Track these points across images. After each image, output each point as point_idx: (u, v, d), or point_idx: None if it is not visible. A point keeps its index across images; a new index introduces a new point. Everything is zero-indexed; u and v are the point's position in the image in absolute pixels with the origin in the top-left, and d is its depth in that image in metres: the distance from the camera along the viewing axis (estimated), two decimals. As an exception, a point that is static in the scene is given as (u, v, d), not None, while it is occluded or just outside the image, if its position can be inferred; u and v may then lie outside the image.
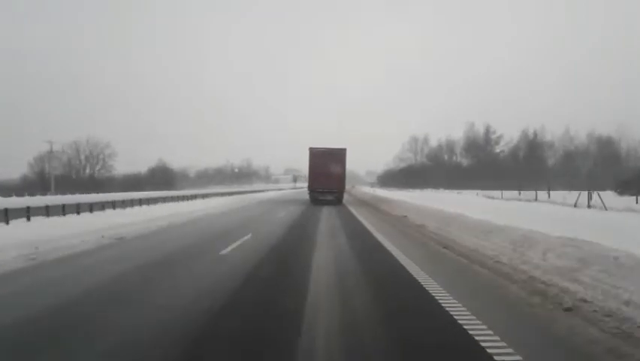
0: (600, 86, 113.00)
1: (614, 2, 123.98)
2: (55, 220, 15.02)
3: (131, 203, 24.29)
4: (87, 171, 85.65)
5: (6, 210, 14.27)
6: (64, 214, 18.27)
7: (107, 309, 4.98)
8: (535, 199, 24.01)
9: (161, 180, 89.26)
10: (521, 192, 30.13)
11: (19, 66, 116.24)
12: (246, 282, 6.39)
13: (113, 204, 22.39)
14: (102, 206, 21.57)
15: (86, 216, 17.93)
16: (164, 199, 27.16)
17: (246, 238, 11.23)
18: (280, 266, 7.92)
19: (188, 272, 7.21)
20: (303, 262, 7.98)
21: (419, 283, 6.24)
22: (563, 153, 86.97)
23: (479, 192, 35.58)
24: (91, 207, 20.72)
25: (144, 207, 23.25)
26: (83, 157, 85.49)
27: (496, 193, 29.28)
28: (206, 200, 30.26)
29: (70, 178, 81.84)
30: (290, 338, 3.90)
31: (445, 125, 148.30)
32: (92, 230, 11.34)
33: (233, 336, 4.05)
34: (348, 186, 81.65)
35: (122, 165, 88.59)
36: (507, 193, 29.01)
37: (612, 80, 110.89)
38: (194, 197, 29.73)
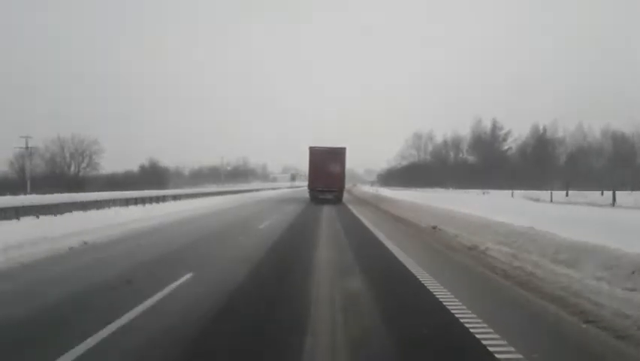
0: (612, 82, 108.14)
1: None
2: None
3: (98, 205, 19.70)
4: (72, 168, 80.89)
5: None
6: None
7: None
8: (613, 204, 19.09)
9: (152, 178, 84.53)
10: (567, 192, 25.16)
11: (6, 63, 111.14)
12: None
13: (71, 207, 17.93)
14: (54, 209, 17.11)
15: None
16: (142, 200, 22.74)
17: (175, 284, 6.09)
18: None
19: None
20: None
21: None
22: (575, 149, 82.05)
23: (515, 192, 29.72)
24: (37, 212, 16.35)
25: (111, 209, 18.75)
26: (67, 154, 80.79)
27: (540, 194, 24.03)
28: (186, 202, 25.52)
29: (54, 176, 77.39)
30: None
31: (449, 122, 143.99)
32: None
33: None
34: (349, 185, 77.63)
35: (117, 164, 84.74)
36: (551, 194, 23.91)
37: (625, 76, 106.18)
38: (161, 198, 24.81)
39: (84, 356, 3.61)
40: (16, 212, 14.61)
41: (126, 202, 20.45)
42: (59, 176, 78.21)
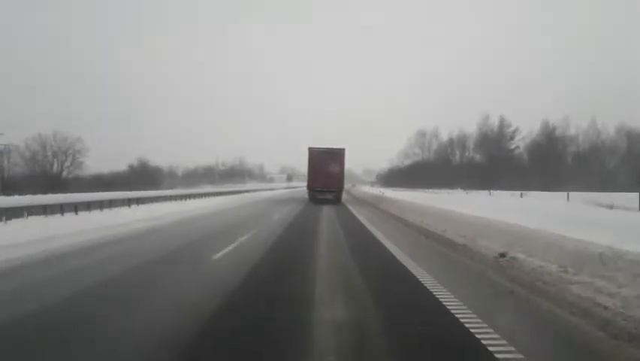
0: (613, 81, 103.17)
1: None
2: None
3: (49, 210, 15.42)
4: (55, 168, 75.95)
5: None
6: None
7: None
8: None
9: (140, 179, 79.88)
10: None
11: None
12: None
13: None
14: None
15: None
16: (107, 203, 18.26)
17: None
18: None
19: None
20: None
21: None
22: (588, 147, 77.24)
23: (571, 194, 23.51)
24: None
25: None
26: (50, 153, 75.87)
27: (605, 197, 18.59)
28: (154, 206, 20.85)
29: (35, 176, 72.95)
30: None
31: (450, 123, 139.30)
32: None
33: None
34: (348, 185, 73.31)
35: (112, 164, 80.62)
36: (609, 196, 18.79)
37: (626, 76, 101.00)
38: (132, 201, 20.05)
39: None
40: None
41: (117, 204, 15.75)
42: (41, 175, 73.79)
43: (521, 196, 27.55)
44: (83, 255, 8.89)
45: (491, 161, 79.79)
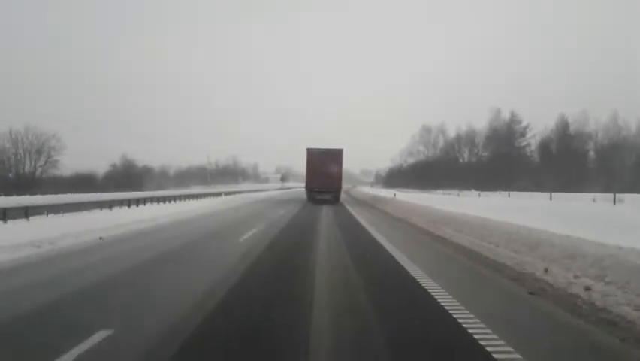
0: (614, 81, 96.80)
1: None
2: None
3: None
4: (27, 167, 69.30)
5: None
6: None
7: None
8: None
9: (124, 179, 73.67)
10: None
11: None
12: None
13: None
14: None
15: None
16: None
17: None
18: None
19: None
20: None
21: None
22: (607, 144, 70.99)
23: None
24: None
25: None
26: (21, 151, 69.21)
27: None
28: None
29: (5, 176, 66.73)
30: None
31: (450, 123, 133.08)
32: None
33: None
34: (348, 186, 67.64)
35: (97, 163, 73.96)
36: None
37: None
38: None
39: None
40: None
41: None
42: (14, 175, 67.63)
43: (615, 203, 21.28)
44: None
45: (502, 159, 73.64)
